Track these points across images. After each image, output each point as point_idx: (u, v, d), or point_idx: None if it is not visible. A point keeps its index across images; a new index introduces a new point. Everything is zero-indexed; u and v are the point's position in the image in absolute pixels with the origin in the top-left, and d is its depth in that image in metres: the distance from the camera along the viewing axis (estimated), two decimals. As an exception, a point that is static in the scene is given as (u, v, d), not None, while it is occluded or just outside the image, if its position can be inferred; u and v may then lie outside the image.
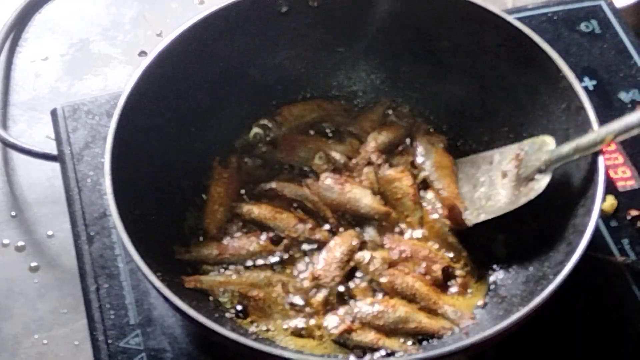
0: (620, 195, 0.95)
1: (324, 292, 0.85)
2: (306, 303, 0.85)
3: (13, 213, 1.03)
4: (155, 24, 1.19)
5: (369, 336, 0.82)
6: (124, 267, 0.89)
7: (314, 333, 0.84)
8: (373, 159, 0.93)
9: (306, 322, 0.84)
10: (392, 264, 0.87)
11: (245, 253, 0.88)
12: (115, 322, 0.86)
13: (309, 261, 0.88)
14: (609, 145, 0.84)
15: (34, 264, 0.99)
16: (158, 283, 0.76)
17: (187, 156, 0.92)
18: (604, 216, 0.93)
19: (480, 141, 0.94)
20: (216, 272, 0.87)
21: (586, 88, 1.01)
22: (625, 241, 0.92)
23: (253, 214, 0.90)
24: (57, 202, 0.99)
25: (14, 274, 0.98)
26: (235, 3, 0.91)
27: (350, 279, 0.87)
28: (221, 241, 0.89)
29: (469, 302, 0.86)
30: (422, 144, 0.95)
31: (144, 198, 0.84)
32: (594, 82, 1.03)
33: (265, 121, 0.97)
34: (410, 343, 0.83)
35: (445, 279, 0.87)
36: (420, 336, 0.83)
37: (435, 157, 0.94)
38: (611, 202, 0.94)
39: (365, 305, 0.84)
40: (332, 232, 0.90)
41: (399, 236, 0.90)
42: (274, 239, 0.89)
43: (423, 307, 0.85)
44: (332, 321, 0.84)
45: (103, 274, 0.89)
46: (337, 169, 0.93)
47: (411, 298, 0.85)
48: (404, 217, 0.91)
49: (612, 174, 0.96)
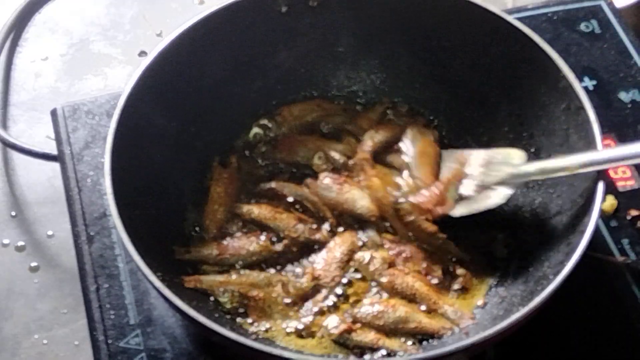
0: (620, 195, 0.95)
1: (324, 292, 0.85)
2: (306, 303, 0.85)
3: (13, 213, 1.03)
4: (155, 24, 1.19)
5: (369, 336, 0.82)
6: (124, 267, 0.89)
7: (314, 333, 0.84)
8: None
9: (306, 322, 0.84)
10: (392, 264, 0.87)
11: (245, 253, 0.88)
12: (115, 322, 0.86)
13: (309, 261, 0.88)
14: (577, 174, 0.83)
15: (34, 264, 0.99)
16: (158, 283, 0.76)
17: (187, 156, 0.92)
18: (604, 216, 0.93)
19: (480, 141, 0.94)
20: (216, 272, 0.87)
21: (586, 88, 1.01)
22: (625, 241, 0.92)
23: (253, 214, 0.90)
24: (57, 202, 0.99)
25: (14, 274, 0.98)
26: (235, 3, 0.91)
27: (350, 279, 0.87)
28: (221, 241, 0.89)
29: (469, 302, 0.86)
30: (412, 132, 0.95)
31: (144, 198, 0.84)
32: (594, 82, 1.03)
33: (265, 121, 0.97)
34: (410, 343, 0.83)
35: (445, 279, 0.87)
36: (420, 336, 0.83)
37: (419, 145, 0.94)
38: (611, 202, 0.94)
39: (365, 305, 0.84)
40: (332, 232, 0.90)
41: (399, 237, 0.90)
42: (274, 239, 0.89)
43: (423, 307, 0.85)
44: (332, 321, 0.84)
45: (103, 274, 0.89)
46: (336, 169, 0.93)
47: (411, 298, 0.85)
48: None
49: (612, 174, 0.96)
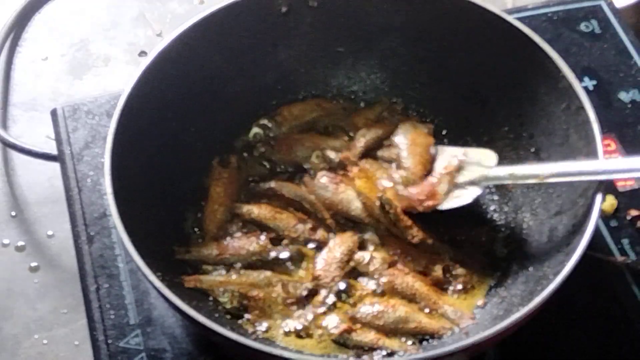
0: (620, 195, 0.95)
1: (324, 292, 0.85)
2: (306, 303, 0.85)
3: (13, 213, 1.03)
4: (155, 24, 1.19)
5: (369, 336, 0.82)
6: (124, 267, 0.89)
7: (314, 333, 0.84)
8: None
9: (306, 322, 0.84)
10: (392, 264, 0.87)
11: (245, 253, 0.87)
12: (115, 322, 0.86)
13: (309, 261, 0.88)
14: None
15: (34, 264, 0.99)
16: (158, 283, 0.76)
17: (187, 156, 0.92)
18: (604, 216, 0.93)
19: (480, 141, 0.94)
20: (216, 272, 0.87)
21: (586, 88, 1.01)
22: (625, 241, 0.92)
23: (253, 214, 0.90)
24: (57, 202, 0.99)
25: (14, 274, 0.98)
26: (235, 3, 0.91)
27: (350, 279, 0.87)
28: (221, 241, 0.89)
29: (469, 302, 0.86)
30: (405, 126, 0.95)
31: (144, 198, 0.84)
32: (594, 82, 1.03)
33: (265, 121, 0.97)
34: (410, 343, 0.83)
35: (445, 279, 0.87)
36: (420, 336, 0.83)
37: (411, 136, 0.94)
38: (611, 202, 0.94)
39: (365, 305, 0.84)
40: (332, 232, 0.90)
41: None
42: (274, 239, 0.89)
43: (423, 307, 0.85)
44: (332, 321, 0.83)
45: (103, 274, 0.89)
46: (333, 168, 0.93)
47: (411, 298, 0.85)
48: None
49: (612, 174, 0.96)
